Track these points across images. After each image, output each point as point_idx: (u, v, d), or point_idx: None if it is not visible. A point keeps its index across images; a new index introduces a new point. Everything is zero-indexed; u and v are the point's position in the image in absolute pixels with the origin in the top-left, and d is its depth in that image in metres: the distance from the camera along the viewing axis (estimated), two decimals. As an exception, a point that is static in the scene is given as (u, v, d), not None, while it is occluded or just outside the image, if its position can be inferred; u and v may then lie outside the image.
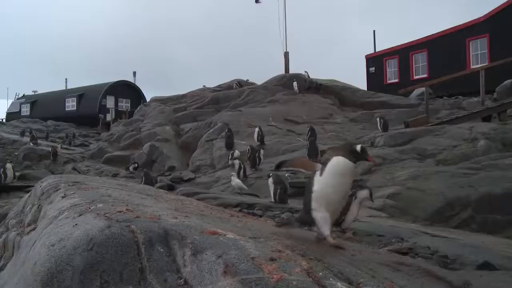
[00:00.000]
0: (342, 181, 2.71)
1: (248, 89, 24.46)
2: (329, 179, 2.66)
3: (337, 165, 2.67)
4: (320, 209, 2.66)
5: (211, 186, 11.54)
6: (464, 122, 12.80)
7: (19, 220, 4.70)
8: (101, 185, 4.29)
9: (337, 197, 2.72)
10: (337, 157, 2.68)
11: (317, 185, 2.70)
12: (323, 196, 2.67)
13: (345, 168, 2.69)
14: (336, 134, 16.43)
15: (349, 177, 2.75)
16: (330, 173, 2.66)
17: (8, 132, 32.33)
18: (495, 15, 24.51)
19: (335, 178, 2.67)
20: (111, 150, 22.80)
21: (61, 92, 51.48)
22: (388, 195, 7.99)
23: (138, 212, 2.52)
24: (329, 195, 2.68)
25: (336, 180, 2.67)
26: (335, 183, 2.68)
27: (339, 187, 2.70)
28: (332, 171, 2.66)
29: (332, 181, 2.66)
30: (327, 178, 2.66)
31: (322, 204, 2.66)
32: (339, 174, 2.67)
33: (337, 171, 2.66)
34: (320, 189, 2.68)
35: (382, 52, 31.96)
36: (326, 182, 2.66)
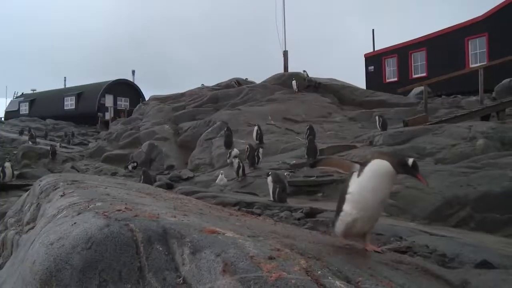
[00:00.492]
0: (382, 186, 2.49)
1: (247, 88, 24.46)
2: (368, 181, 2.47)
3: (378, 168, 2.48)
4: (351, 214, 2.49)
5: (210, 185, 11.54)
6: (463, 121, 12.81)
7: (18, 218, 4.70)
8: (100, 183, 4.29)
9: (374, 203, 2.50)
10: (380, 160, 2.50)
11: (353, 186, 2.52)
12: (359, 199, 2.49)
13: (386, 173, 2.47)
14: (335, 132, 16.44)
15: (389, 185, 2.53)
16: (369, 175, 2.47)
17: (7, 131, 32.29)
18: (494, 14, 24.53)
19: (375, 181, 2.47)
20: (110, 148, 22.78)
21: (60, 90, 51.45)
22: (387, 194, 7.98)
23: (137, 211, 2.52)
24: (365, 198, 2.48)
25: (375, 183, 2.47)
26: (374, 187, 2.47)
27: (377, 192, 2.48)
28: (372, 173, 2.47)
29: (371, 184, 2.47)
30: (365, 180, 2.48)
31: (355, 208, 2.48)
32: (379, 178, 2.47)
33: (377, 174, 2.47)
34: (357, 191, 2.50)
35: (381, 51, 31.98)
36: (365, 184, 2.47)
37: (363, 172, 2.49)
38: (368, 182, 2.47)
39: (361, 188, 2.48)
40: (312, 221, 5.84)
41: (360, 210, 2.47)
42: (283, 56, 28.83)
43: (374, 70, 31.77)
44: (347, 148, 12.64)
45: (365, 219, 2.52)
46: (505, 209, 6.84)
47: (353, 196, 2.50)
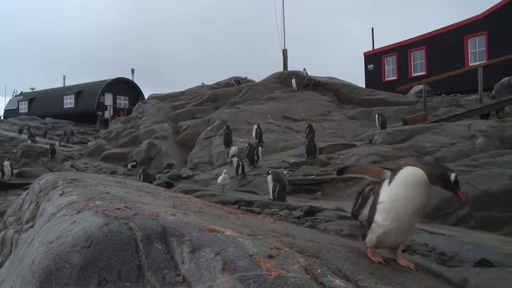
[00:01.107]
0: (415, 195, 2.32)
1: (247, 87, 24.47)
2: (400, 189, 2.32)
3: (411, 176, 2.32)
4: (383, 224, 2.35)
5: (209, 184, 11.55)
6: (462, 119, 12.81)
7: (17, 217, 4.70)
8: (99, 182, 4.28)
9: (406, 213, 2.35)
10: (413, 168, 2.33)
11: (384, 195, 2.37)
12: (390, 208, 2.34)
13: (418, 182, 2.31)
14: (335, 131, 16.45)
15: (422, 194, 2.34)
16: (401, 183, 2.32)
17: (6, 130, 32.27)
18: (493, 12, 24.52)
19: (406, 189, 2.32)
20: (109, 147, 22.77)
21: (59, 89, 51.43)
22: (386, 192, 7.98)
23: (137, 210, 2.52)
24: (397, 207, 2.33)
25: (408, 192, 2.32)
26: (406, 196, 2.32)
27: (409, 201, 2.32)
28: (404, 181, 2.32)
29: (403, 193, 2.32)
30: (397, 189, 2.33)
31: (387, 218, 2.34)
32: (410, 186, 2.31)
33: (409, 182, 2.32)
34: (389, 200, 2.35)
35: (381, 50, 31.96)
36: (396, 193, 2.33)
37: (394, 180, 2.35)
38: (399, 190, 2.33)
39: (392, 197, 2.34)
40: (311, 220, 5.84)
41: (392, 220, 2.33)
42: (282, 55, 28.82)
43: (374, 68, 31.76)
44: (347, 146, 12.65)
45: (398, 230, 2.38)
46: (504, 208, 6.84)
47: (384, 206, 2.36)
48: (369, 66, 32.27)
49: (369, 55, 32.75)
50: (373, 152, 10.58)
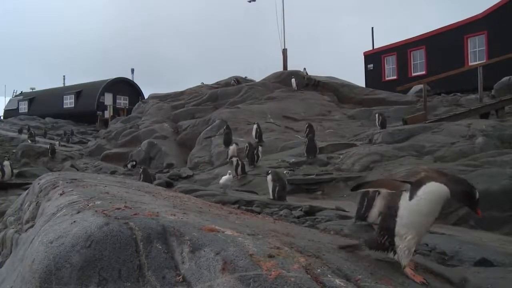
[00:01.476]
0: (436, 209, 2.30)
1: (247, 86, 24.47)
2: (423, 206, 2.25)
3: (437, 193, 2.25)
4: (406, 238, 2.29)
5: (209, 183, 11.54)
6: (462, 119, 12.81)
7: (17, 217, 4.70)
8: (99, 182, 4.29)
9: (427, 226, 2.34)
10: (438, 184, 2.25)
11: (406, 210, 2.28)
12: (413, 224, 2.28)
13: (442, 199, 2.26)
14: (334, 131, 16.45)
15: (441, 207, 2.32)
16: (424, 199, 2.24)
17: (6, 130, 32.28)
18: (493, 12, 24.50)
19: (430, 206, 2.26)
20: (109, 147, 22.78)
21: (59, 89, 51.42)
22: (386, 192, 7.98)
23: (137, 209, 2.52)
24: (420, 223, 2.30)
25: (430, 208, 2.27)
26: (429, 211, 2.28)
27: (431, 216, 2.30)
28: (428, 197, 2.24)
29: (427, 209, 2.26)
30: (420, 205, 2.25)
31: (409, 233, 2.29)
32: (434, 203, 2.26)
33: (433, 199, 2.25)
34: (411, 215, 2.28)
35: (380, 49, 31.95)
36: (420, 209, 2.26)
37: (416, 196, 2.25)
38: (422, 207, 2.25)
39: (414, 213, 2.27)
40: (311, 219, 5.84)
41: (414, 236, 2.30)
42: (282, 54, 28.82)
43: (374, 68, 31.75)
44: (347, 146, 12.65)
45: (416, 242, 2.35)
46: (504, 207, 6.84)
47: (405, 221, 2.29)
48: (369, 65, 32.26)
49: (369, 55, 32.74)
50: (373, 152, 10.58)
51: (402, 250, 2.30)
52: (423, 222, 2.30)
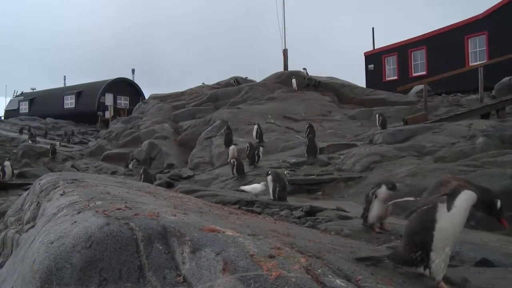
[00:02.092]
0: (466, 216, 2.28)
1: (247, 87, 24.47)
2: (460, 216, 2.24)
3: (471, 200, 2.25)
4: (444, 251, 2.25)
5: (210, 184, 11.55)
6: (463, 119, 12.81)
7: (18, 217, 4.70)
8: (100, 182, 4.29)
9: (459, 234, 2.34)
10: (471, 192, 2.25)
11: (445, 222, 2.22)
12: (453, 235, 2.26)
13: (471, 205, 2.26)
14: (335, 131, 16.45)
15: None
16: (462, 208, 2.23)
17: (7, 130, 32.29)
18: (493, 12, 24.49)
19: (465, 214, 2.26)
20: (110, 147, 22.79)
21: (60, 89, 51.47)
22: (387, 192, 7.99)
23: (137, 210, 2.52)
24: (457, 233, 2.29)
25: (465, 216, 2.26)
26: (463, 219, 2.27)
27: (463, 223, 2.29)
28: (464, 206, 2.24)
29: (462, 218, 2.26)
30: (458, 215, 2.23)
31: (447, 245, 2.25)
32: (467, 210, 2.25)
33: (468, 207, 2.24)
34: (452, 226, 2.25)
35: (381, 50, 31.95)
36: (458, 219, 2.25)
37: (454, 206, 2.22)
38: (460, 216, 2.25)
39: (454, 223, 2.25)
40: (312, 220, 5.84)
41: (451, 246, 2.29)
42: (283, 55, 28.81)
43: (374, 68, 31.74)
44: (347, 146, 12.65)
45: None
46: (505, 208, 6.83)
47: (446, 233, 2.24)
48: (369, 66, 32.25)
49: (369, 55, 32.74)
50: (374, 152, 10.57)
51: (438, 264, 2.24)
52: (458, 232, 2.28)
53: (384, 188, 4.33)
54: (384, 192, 4.33)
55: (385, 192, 4.32)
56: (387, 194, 4.32)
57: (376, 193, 4.40)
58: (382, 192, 4.35)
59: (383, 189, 4.35)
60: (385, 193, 4.32)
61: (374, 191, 4.46)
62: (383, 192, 4.34)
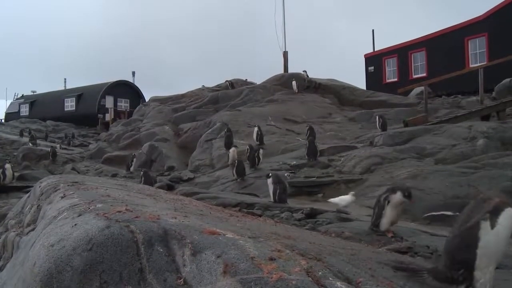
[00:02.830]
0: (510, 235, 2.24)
1: (247, 89, 24.46)
2: (504, 233, 2.19)
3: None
4: (488, 270, 2.20)
5: (210, 186, 11.54)
6: (463, 121, 12.81)
7: (18, 220, 4.70)
8: (100, 185, 4.29)
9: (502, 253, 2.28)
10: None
11: (488, 240, 2.17)
12: (496, 252, 2.22)
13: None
14: (335, 133, 16.44)
15: None
16: (507, 226, 2.18)
17: (7, 133, 32.31)
18: (493, 14, 24.53)
19: (509, 232, 2.21)
20: (110, 150, 22.78)
21: (60, 92, 51.48)
22: (388, 194, 7.99)
23: (138, 212, 2.52)
24: (501, 251, 2.24)
25: (508, 234, 2.22)
26: (507, 238, 2.22)
27: (507, 242, 2.23)
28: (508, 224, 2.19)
29: (506, 236, 2.21)
30: (502, 233, 2.18)
31: (491, 264, 2.21)
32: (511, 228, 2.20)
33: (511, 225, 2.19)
34: (495, 245, 2.19)
35: (381, 52, 31.98)
36: (501, 237, 2.19)
37: (497, 223, 2.17)
38: (505, 233, 2.20)
39: (499, 241, 2.20)
40: (312, 222, 5.84)
41: (494, 265, 2.24)
42: (283, 57, 28.81)
43: (374, 70, 31.77)
44: (347, 148, 12.65)
45: None
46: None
47: (490, 250, 2.20)
48: (369, 68, 32.28)
49: (369, 57, 32.77)
50: (374, 154, 10.57)
51: (483, 284, 2.19)
52: (502, 250, 2.24)
53: (400, 195, 4.23)
54: (398, 198, 4.25)
55: (399, 199, 4.25)
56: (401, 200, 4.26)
57: (389, 198, 4.33)
58: (396, 198, 4.27)
59: (398, 195, 4.25)
60: (400, 200, 4.25)
61: (386, 196, 4.37)
62: (397, 198, 4.26)
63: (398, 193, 4.24)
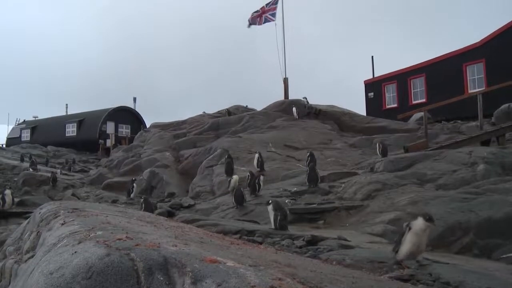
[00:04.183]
0: None
1: (248, 115, 24.58)
2: None
3: None
4: None
5: (211, 213, 11.49)
6: (463, 146, 12.82)
7: (17, 247, 4.68)
8: (100, 212, 4.28)
9: None
10: None
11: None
12: None
13: None
14: (336, 159, 16.44)
15: None
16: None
17: (8, 158, 32.33)
18: (490, 41, 24.87)
19: None
20: (111, 176, 22.76)
21: (62, 117, 51.78)
22: (389, 220, 7.96)
23: (138, 240, 2.52)
24: None
25: None
26: None
27: None
28: None
29: None
30: None
31: None
32: None
33: None
34: None
35: (381, 78, 32.27)
36: None
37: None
38: None
39: None
40: (313, 249, 5.80)
41: None
42: (283, 84, 29.05)
43: (374, 96, 32.01)
44: (348, 174, 12.63)
45: None
46: (507, 235, 6.80)
47: None
48: (369, 94, 32.52)
49: (369, 83, 33.05)
50: (375, 180, 10.55)
51: None
52: None
53: (421, 220, 4.10)
54: (420, 224, 4.10)
55: (422, 224, 4.09)
56: (424, 225, 4.09)
57: (410, 224, 4.16)
58: (418, 224, 4.11)
59: (420, 221, 4.11)
60: (422, 225, 4.09)
61: (408, 223, 4.24)
62: (419, 224, 4.11)
63: (419, 219, 4.13)
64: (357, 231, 7.96)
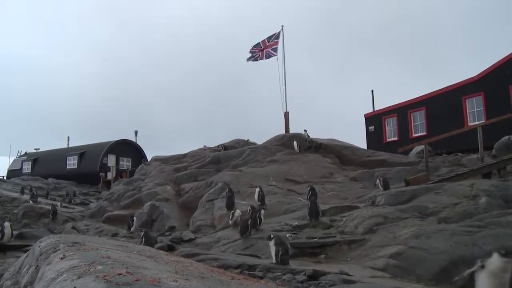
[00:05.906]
0: None
1: (249, 149, 24.61)
2: None
3: None
4: None
5: (211, 247, 11.39)
6: (465, 179, 12.80)
7: (15, 281, 4.64)
8: (101, 245, 4.26)
9: None
10: None
11: None
12: None
13: None
14: (337, 193, 16.39)
15: None
16: None
17: (8, 190, 32.28)
18: (488, 74, 25.19)
19: None
20: (111, 209, 22.65)
21: (63, 150, 51.96)
22: (391, 254, 7.88)
23: (138, 275, 2.51)
24: None
25: None
26: None
27: None
28: None
29: None
30: None
31: None
32: None
33: None
34: None
35: (381, 111, 32.50)
36: None
37: None
38: None
39: None
40: (315, 284, 5.73)
41: None
42: (284, 117, 29.21)
43: (374, 129, 32.15)
44: (349, 208, 12.58)
45: None
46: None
47: None
48: (369, 127, 32.68)
49: (369, 117, 33.27)
50: (376, 214, 10.50)
51: None
52: None
53: (497, 256, 3.41)
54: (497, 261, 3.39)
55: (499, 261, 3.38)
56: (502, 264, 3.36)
57: (484, 263, 3.47)
58: (494, 262, 3.41)
59: (495, 258, 3.41)
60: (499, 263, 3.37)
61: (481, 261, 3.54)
62: (496, 263, 3.39)
63: (494, 255, 3.45)
64: (359, 265, 7.88)
